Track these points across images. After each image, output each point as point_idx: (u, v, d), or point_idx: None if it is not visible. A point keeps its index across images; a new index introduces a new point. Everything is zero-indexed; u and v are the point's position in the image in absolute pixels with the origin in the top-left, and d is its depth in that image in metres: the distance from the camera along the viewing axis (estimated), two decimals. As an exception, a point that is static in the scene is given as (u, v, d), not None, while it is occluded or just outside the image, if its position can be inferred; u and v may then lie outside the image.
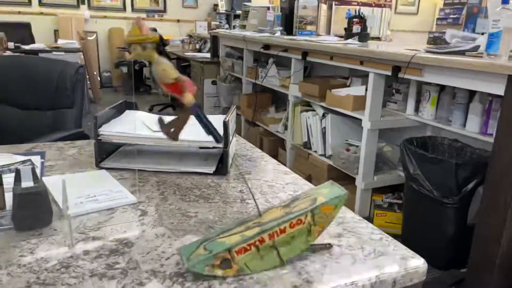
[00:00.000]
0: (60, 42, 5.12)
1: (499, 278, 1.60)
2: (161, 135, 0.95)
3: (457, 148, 2.00)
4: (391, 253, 0.66)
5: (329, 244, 0.65)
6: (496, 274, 1.59)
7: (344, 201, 0.62)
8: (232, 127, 1.01)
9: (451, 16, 6.34)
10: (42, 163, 0.97)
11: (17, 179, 0.69)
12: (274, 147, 3.45)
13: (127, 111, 1.11)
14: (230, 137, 0.97)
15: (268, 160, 1.09)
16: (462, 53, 1.77)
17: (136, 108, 1.14)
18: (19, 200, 0.66)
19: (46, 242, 0.64)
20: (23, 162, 0.92)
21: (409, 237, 2.03)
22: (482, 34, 2.43)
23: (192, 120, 1.11)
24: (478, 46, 1.71)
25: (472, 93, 1.99)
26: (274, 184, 0.92)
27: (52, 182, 0.84)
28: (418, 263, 0.64)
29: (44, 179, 0.86)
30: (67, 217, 0.66)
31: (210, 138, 0.94)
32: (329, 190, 0.63)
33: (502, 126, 1.51)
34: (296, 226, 0.59)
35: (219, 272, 0.57)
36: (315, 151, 2.80)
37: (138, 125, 1.00)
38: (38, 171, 0.89)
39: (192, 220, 0.74)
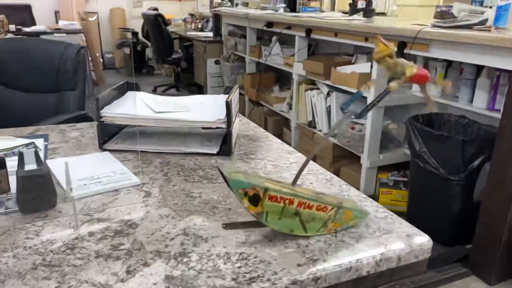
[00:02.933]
0: (61, 23, 5.07)
1: (505, 253, 1.60)
2: (163, 115, 0.94)
3: (463, 124, 1.98)
4: (395, 231, 0.65)
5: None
6: (501, 249, 1.59)
7: (363, 220, 0.67)
8: (234, 107, 1.00)
9: (459, -11, 6.17)
10: (46, 145, 0.97)
11: (21, 162, 0.69)
12: (279, 126, 3.44)
13: (129, 92, 1.10)
14: (233, 117, 0.96)
15: (272, 139, 1.09)
16: (469, 27, 1.72)
17: (138, 89, 1.13)
18: (23, 183, 0.66)
19: (51, 224, 0.65)
20: (27, 145, 0.92)
21: (415, 214, 2.03)
22: (491, 7, 2.37)
23: (196, 100, 1.10)
24: (486, 20, 1.67)
25: (479, 69, 1.95)
26: (278, 164, 0.92)
27: (55, 165, 0.84)
28: (423, 240, 0.63)
29: (48, 161, 0.86)
30: (72, 199, 0.66)
31: (213, 117, 0.94)
32: (354, 204, 0.68)
33: (510, 101, 1.49)
34: (320, 211, 0.62)
35: (245, 203, 0.58)
36: (320, 130, 2.78)
37: (141, 106, 0.99)
38: (41, 154, 0.89)
39: (196, 200, 0.74)
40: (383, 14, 3.93)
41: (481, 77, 1.92)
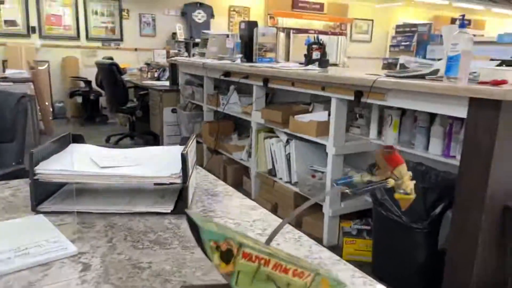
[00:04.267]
0: (8, 72, 4.85)
1: (474, 304, 1.56)
2: (109, 171, 0.84)
3: (422, 171, 1.99)
4: (377, 301, 0.57)
5: None
6: (470, 300, 1.55)
7: None
8: (191, 159, 0.91)
9: (403, 43, 6.63)
10: (-34, 209, 0.82)
11: None
12: (239, 175, 3.35)
13: (73, 145, 0.98)
14: (190, 171, 0.87)
15: (232, 194, 1.00)
16: (422, 77, 1.78)
17: (83, 141, 1.01)
18: None
19: (-45, 316, 0.51)
20: None
21: (380, 264, 1.97)
22: (433, 59, 2.52)
23: (148, 153, 1.00)
24: (438, 70, 1.73)
25: (432, 117, 2.01)
26: (240, 222, 0.83)
27: (-26, 234, 0.70)
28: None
29: (-35, 229, 0.72)
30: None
31: (166, 172, 0.84)
32: (329, 272, 0.59)
33: (467, 149, 1.51)
34: (297, 277, 0.52)
35: (216, 260, 0.48)
36: (281, 178, 2.73)
37: (83, 160, 0.88)
38: (-42, 220, 0.75)
39: (144, 273, 0.62)
40: (335, 65, 4.10)
41: (435, 125, 1.96)
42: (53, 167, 0.81)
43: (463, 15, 1.60)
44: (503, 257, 1.54)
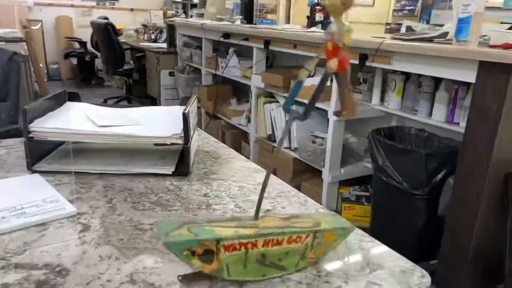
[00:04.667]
0: (0, 31, 4.69)
1: (471, 270, 1.57)
2: (107, 130, 0.80)
3: (424, 137, 1.97)
4: (387, 266, 0.56)
5: None
6: (468, 266, 1.56)
7: (347, 236, 0.55)
8: (193, 120, 0.87)
9: (407, 7, 6.46)
10: (-41, 167, 0.79)
11: None
12: (237, 140, 3.33)
13: (68, 103, 0.94)
14: (191, 132, 0.83)
15: (235, 156, 0.97)
16: (430, 40, 1.71)
17: (79, 100, 0.97)
18: None
19: None
20: None
21: (378, 230, 1.98)
22: (437, 25, 2.43)
23: (147, 112, 0.97)
24: (447, 33, 1.67)
25: (437, 82, 1.96)
26: (244, 185, 0.80)
27: (-33, 192, 0.67)
28: (421, 277, 0.54)
29: (-43, 188, 0.69)
30: (-20, 240, 0.50)
31: (167, 132, 0.81)
32: (333, 220, 0.56)
33: (473, 114, 1.47)
34: (294, 243, 0.50)
35: (196, 263, 0.47)
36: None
37: (80, 118, 0.84)
38: (-51, 178, 0.71)
39: (146, 234, 0.60)
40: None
41: (440, 91, 1.92)
42: (49, 125, 0.78)
43: (477, -25, 1.52)
44: (503, 224, 1.54)
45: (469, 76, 1.51)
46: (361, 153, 2.45)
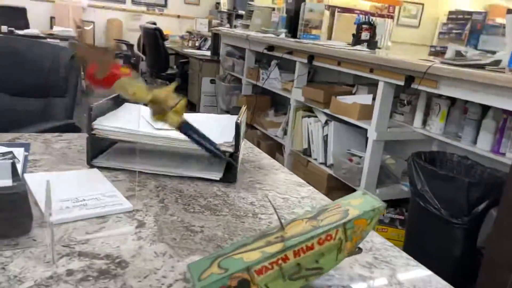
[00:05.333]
0: (56, 29, 4.97)
1: (509, 307, 1.51)
2: (164, 133, 0.84)
3: (467, 165, 1.92)
4: (434, 292, 0.56)
5: (359, 248, 0.54)
6: (505, 302, 1.50)
7: (380, 213, 0.52)
8: (243, 129, 0.90)
9: (454, 31, 6.31)
10: (26, 156, 0.85)
11: (-7, 175, 0.58)
12: (272, 151, 3.34)
13: (126, 104, 0.99)
14: (241, 141, 0.86)
15: (279, 168, 0.99)
16: (481, 66, 1.68)
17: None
18: (-7, 202, 0.54)
19: (22, 256, 0.53)
20: (3, 154, 0.81)
21: (411, 255, 1.93)
22: (485, 51, 2.36)
23: (199, 119, 1.00)
24: (500, 61, 1.63)
25: (484, 110, 1.91)
26: (288, 197, 0.82)
27: (35, 181, 0.72)
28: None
29: (26, 176, 0.75)
30: (50, 226, 0.54)
31: (219, 139, 0.84)
32: (362, 201, 0.54)
33: (523, 146, 1.43)
34: (326, 242, 0.50)
35: None
36: (315, 159, 2.70)
37: (138, 120, 0.89)
38: (19, 166, 0.77)
39: (197, 236, 0.63)
40: (378, 48, 3.96)
41: (487, 119, 1.87)
42: (109, 124, 0.82)
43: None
44: (547, 262, 1.47)
45: (521, 106, 1.46)
46: (399, 175, 2.40)
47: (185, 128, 0.71)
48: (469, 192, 1.64)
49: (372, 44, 2.62)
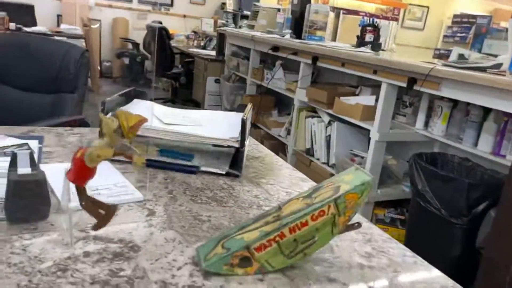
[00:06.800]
0: (63, 27, 5.02)
1: (506, 305, 1.53)
2: (174, 128, 0.87)
3: (467, 167, 1.94)
4: (428, 281, 0.59)
5: (358, 223, 0.57)
6: (503, 301, 1.52)
7: (370, 187, 0.56)
8: (248, 126, 0.93)
9: (458, 34, 6.33)
10: (40, 148, 0.89)
11: (13, 164, 0.62)
12: (275, 151, 3.35)
13: (136, 100, 1.03)
14: (247, 137, 0.90)
15: (282, 164, 1.02)
16: (483, 69, 1.71)
17: (144, 98, 1.06)
18: (14, 188, 0.58)
19: (41, 239, 0.56)
20: (19, 145, 0.84)
21: (411, 255, 1.96)
22: (489, 55, 2.39)
23: (205, 115, 1.04)
24: (501, 64, 1.66)
25: (486, 112, 1.93)
26: (292, 192, 0.85)
27: (50, 171, 0.76)
28: (460, 294, 0.57)
29: (42, 166, 0.78)
30: (68, 211, 0.58)
31: (226, 135, 0.87)
32: (354, 177, 0.58)
33: (522, 148, 1.45)
34: (319, 218, 0.54)
35: (239, 271, 0.53)
36: (318, 159, 2.73)
37: (148, 115, 0.92)
38: (35, 157, 0.81)
39: (205, 225, 0.66)
40: (382, 50, 3.98)
41: (488, 121, 1.89)
42: (121, 118, 0.86)
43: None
44: (544, 263, 1.49)
45: (521, 109, 1.49)
46: (400, 176, 2.43)
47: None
48: (469, 193, 1.66)
49: (376, 46, 2.65)
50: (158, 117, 0.91)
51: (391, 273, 0.59)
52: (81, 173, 0.53)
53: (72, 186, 0.56)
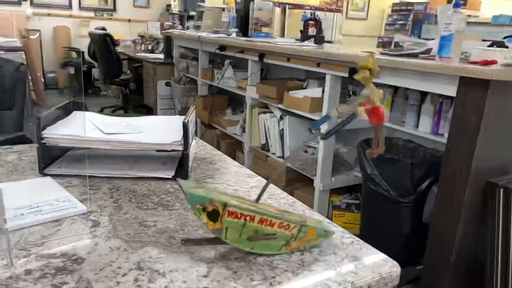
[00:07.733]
0: (-1, 40, 4.76)
1: (453, 275, 1.65)
2: (114, 137, 0.87)
3: (410, 148, 2.06)
4: (364, 258, 0.63)
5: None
6: (450, 271, 1.64)
7: (327, 238, 0.65)
8: (191, 128, 0.95)
9: (399, 22, 6.61)
10: (-24, 170, 0.86)
11: None
12: (232, 149, 3.40)
13: (75, 112, 1.02)
14: (190, 140, 0.91)
15: (229, 162, 1.05)
16: (415, 55, 1.81)
17: (86, 109, 1.04)
18: None
19: (-22, 262, 0.55)
20: (-48, 169, 0.81)
21: (367, 236, 2.04)
22: (427, 39, 2.53)
23: (149, 121, 1.04)
24: (431, 49, 1.77)
25: (423, 95, 2.05)
26: (238, 188, 0.88)
27: (-13, 192, 0.74)
28: (391, 267, 0.61)
29: (-22, 188, 0.76)
30: (5, 232, 0.57)
31: (168, 139, 0.88)
32: (318, 223, 0.67)
33: (455, 126, 1.56)
34: (283, 229, 0.60)
35: (204, 218, 0.57)
36: (273, 153, 2.78)
37: (88, 126, 0.92)
38: (-30, 179, 0.78)
39: (150, 230, 0.67)
40: (329, 42, 4.10)
41: (425, 104, 2.01)
42: (59, 132, 0.85)
43: (458, -5, 1.62)
44: (485, 230, 1.62)
45: (451, 90, 1.60)
46: (352, 162, 2.53)
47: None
48: (413, 172, 1.77)
49: (319, 39, 2.73)
50: (98, 127, 0.91)
51: (329, 255, 0.63)
52: (377, 114, 0.63)
53: (7, 206, 0.56)
